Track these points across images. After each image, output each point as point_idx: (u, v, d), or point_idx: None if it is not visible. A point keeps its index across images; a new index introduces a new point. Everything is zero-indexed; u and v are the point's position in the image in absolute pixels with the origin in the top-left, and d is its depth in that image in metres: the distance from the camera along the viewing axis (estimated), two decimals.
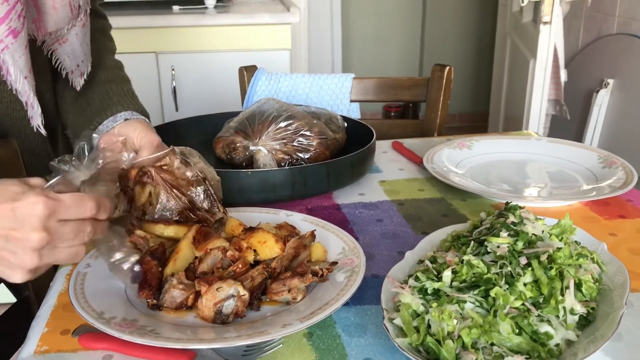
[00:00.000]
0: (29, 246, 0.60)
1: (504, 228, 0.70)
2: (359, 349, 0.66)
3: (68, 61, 0.90)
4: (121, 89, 0.99)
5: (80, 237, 0.64)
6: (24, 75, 0.77)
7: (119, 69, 1.06)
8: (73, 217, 0.63)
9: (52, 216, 0.60)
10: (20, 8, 0.74)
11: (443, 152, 1.22)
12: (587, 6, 2.85)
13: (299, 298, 0.72)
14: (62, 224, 0.62)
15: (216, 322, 0.68)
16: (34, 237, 0.59)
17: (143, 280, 0.72)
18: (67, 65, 0.90)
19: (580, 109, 2.83)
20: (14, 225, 0.59)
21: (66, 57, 0.90)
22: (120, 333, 0.64)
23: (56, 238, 0.61)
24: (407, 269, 0.75)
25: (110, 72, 1.03)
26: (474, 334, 0.59)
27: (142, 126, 0.90)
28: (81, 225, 0.64)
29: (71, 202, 0.62)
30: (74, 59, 0.91)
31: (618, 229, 0.94)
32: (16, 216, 0.59)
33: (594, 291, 0.68)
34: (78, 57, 0.91)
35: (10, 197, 0.59)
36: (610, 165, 1.13)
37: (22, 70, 0.77)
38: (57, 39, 0.87)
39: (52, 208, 0.60)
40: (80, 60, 0.92)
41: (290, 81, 1.68)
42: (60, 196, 0.62)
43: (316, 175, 1.05)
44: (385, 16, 4.27)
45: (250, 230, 0.82)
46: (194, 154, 0.86)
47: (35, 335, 0.70)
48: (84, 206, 0.63)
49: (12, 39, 0.74)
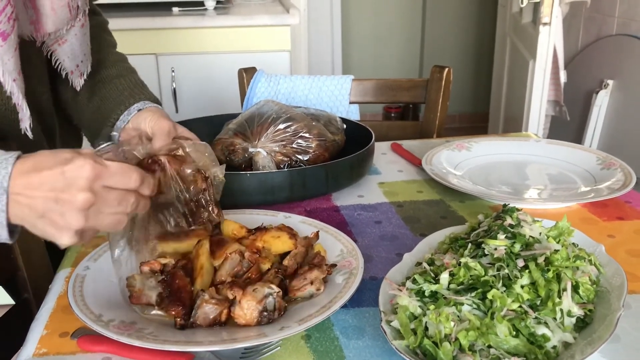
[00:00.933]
0: (75, 206, 0.62)
1: (502, 230, 0.71)
2: (356, 352, 0.67)
3: (68, 62, 0.91)
4: (130, 81, 1.01)
5: (123, 206, 0.66)
6: (13, 78, 0.77)
7: (124, 62, 1.07)
8: (118, 184, 0.65)
9: (98, 179, 0.63)
10: (10, 11, 0.74)
11: (442, 153, 1.22)
12: (586, 7, 2.85)
13: (322, 288, 0.73)
14: (107, 189, 0.65)
15: (262, 322, 0.67)
16: (80, 197, 0.62)
17: (175, 297, 0.70)
18: (66, 65, 0.91)
19: (579, 110, 2.83)
20: (62, 187, 0.62)
21: (66, 57, 0.90)
22: (118, 335, 0.64)
23: (101, 202, 0.64)
24: (405, 271, 0.75)
25: (117, 67, 1.04)
26: (471, 337, 0.59)
27: (152, 114, 0.91)
28: (125, 194, 0.66)
29: (117, 170, 0.65)
30: (74, 59, 0.91)
31: (616, 230, 0.94)
32: (65, 178, 0.62)
33: (591, 293, 0.68)
34: (77, 58, 0.92)
35: (61, 162, 0.63)
36: (608, 167, 1.13)
37: (11, 73, 0.77)
38: (56, 39, 0.87)
39: (98, 171, 0.63)
40: (79, 61, 0.92)
41: (290, 83, 1.68)
42: (107, 162, 0.65)
43: (315, 177, 1.05)
44: (385, 18, 4.27)
45: (260, 230, 0.82)
46: (205, 150, 0.84)
47: (34, 337, 0.70)
48: (128, 176, 0.66)
49: (1, 41, 0.74)
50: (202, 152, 0.83)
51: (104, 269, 0.78)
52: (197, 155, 0.81)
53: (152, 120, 0.90)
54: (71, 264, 0.87)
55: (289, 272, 0.76)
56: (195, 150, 0.82)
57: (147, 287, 0.72)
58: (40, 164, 0.64)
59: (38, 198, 0.63)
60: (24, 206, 0.64)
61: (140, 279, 0.73)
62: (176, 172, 0.78)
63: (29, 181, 0.63)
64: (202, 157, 0.82)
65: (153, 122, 0.90)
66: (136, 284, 0.73)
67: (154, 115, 0.91)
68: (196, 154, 0.81)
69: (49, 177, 0.63)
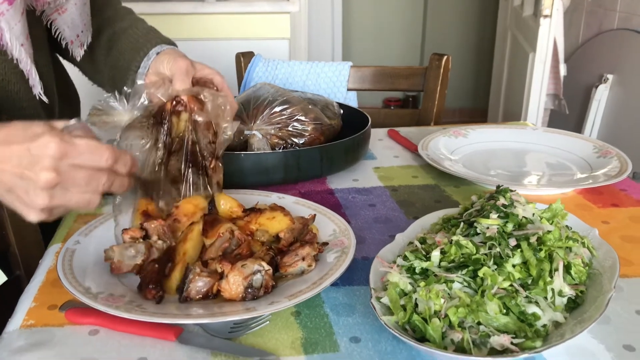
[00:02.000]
0: (38, 185, 0.61)
1: (494, 210, 0.70)
2: (346, 328, 0.66)
3: (68, 31, 0.90)
4: (143, 29, 1.00)
5: (93, 186, 0.64)
6: (21, 43, 0.77)
7: (132, 14, 1.08)
8: (86, 163, 0.63)
9: (64, 158, 0.61)
10: None
11: (438, 140, 1.22)
12: (588, 1, 2.84)
13: (314, 265, 0.73)
14: (75, 168, 0.62)
15: (246, 298, 0.67)
16: (43, 176, 0.60)
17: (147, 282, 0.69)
18: (66, 35, 0.91)
19: (579, 104, 2.83)
20: (27, 163, 0.61)
21: (66, 27, 0.90)
22: (106, 307, 0.63)
23: (67, 181, 0.62)
24: (396, 250, 0.75)
25: (127, 19, 1.04)
26: (461, 313, 0.59)
27: (169, 56, 0.91)
28: (95, 173, 0.64)
29: (85, 148, 0.63)
30: (74, 28, 0.91)
31: (611, 217, 0.94)
32: (31, 155, 0.60)
33: (583, 275, 0.68)
34: (77, 27, 0.91)
35: (29, 137, 0.61)
36: (605, 155, 1.13)
37: (19, 38, 0.76)
38: (56, 8, 0.87)
39: (64, 150, 0.61)
40: (79, 31, 0.92)
41: (288, 68, 1.67)
42: (76, 140, 0.62)
43: (310, 159, 1.04)
44: (387, 8, 4.26)
45: (254, 211, 0.82)
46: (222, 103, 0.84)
47: (22, 309, 0.70)
48: (98, 154, 0.64)
49: (8, 5, 0.74)
50: (219, 103, 0.82)
51: (94, 243, 0.78)
52: (212, 105, 0.81)
53: (170, 62, 0.90)
54: (62, 239, 0.86)
55: (284, 246, 0.76)
56: (212, 100, 0.81)
57: (126, 258, 0.73)
58: (10, 137, 0.62)
59: (6, 172, 0.62)
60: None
61: (118, 251, 0.73)
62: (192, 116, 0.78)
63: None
64: (217, 109, 0.81)
65: (171, 63, 0.90)
66: (114, 256, 0.73)
67: (171, 56, 0.91)
68: (213, 103, 0.81)
69: (17, 152, 0.61)
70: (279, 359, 0.61)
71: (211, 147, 0.82)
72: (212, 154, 0.83)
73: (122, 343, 0.64)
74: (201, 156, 0.82)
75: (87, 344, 0.64)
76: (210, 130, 0.81)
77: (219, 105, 0.81)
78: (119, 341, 0.64)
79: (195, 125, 0.82)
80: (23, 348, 0.63)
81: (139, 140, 0.80)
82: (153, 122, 0.82)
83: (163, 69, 0.91)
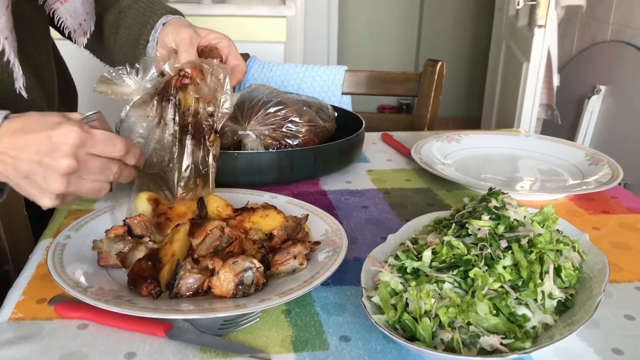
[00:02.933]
0: (58, 171, 0.64)
1: (486, 211, 0.70)
2: (336, 327, 0.66)
3: (70, 20, 0.90)
4: (147, 1, 1.00)
5: (106, 174, 0.68)
6: (5, 36, 0.77)
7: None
8: (102, 153, 0.67)
9: (83, 147, 0.65)
10: None
11: (432, 144, 1.22)
12: (582, 13, 2.86)
13: (305, 263, 0.73)
14: (91, 157, 0.66)
15: (237, 295, 0.67)
16: (64, 163, 0.63)
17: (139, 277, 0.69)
18: (69, 24, 0.91)
19: (571, 115, 2.85)
20: (47, 151, 0.63)
21: (68, 16, 0.90)
22: (96, 301, 0.63)
23: (83, 169, 0.65)
24: (388, 251, 0.75)
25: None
26: (451, 313, 0.59)
27: (172, 27, 0.91)
28: (108, 163, 0.68)
29: (102, 138, 0.66)
30: (76, 17, 0.91)
31: (601, 223, 0.94)
32: (51, 142, 0.63)
33: (573, 278, 0.68)
34: (80, 16, 0.92)
35: (48, 126, 0.64)
36: (596, 163, 1.13)
37: (3, 31, 0.76)
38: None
39: (84, 139, 0.64)
40: (82, 19, 0.92)
41: (283, 71, 1.67)
42: (94, 131, 0.66)
43: (303, 159, 1.04)
44: (383, 14, 4.27)
45: (247, 210, 0.82)
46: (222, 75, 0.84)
47: (11, 302, 0.69)
48: (113, 145, 0.67)
49: None
50: (218, 76, 0.83)
51: (85, 238, 0.78)
52: (212, 79, 0.81)
53: (173, 33, 0.90)
54: (53, 235, 0.86)
55: (277, 243, 0.76)
56: (212, 73, 0.82)
57: (114, 249, 0.73)
58: (28, 126, 0.64)
59: (23, 160, 0.64)
60: (9, 165, 0.64)
61: (107, 242, 0.74)
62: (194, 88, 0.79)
63: (15, 142, 0.64)
64: (216, 82, 0.82)
65: (174, 34, 0.90)
66: (103, 247, 0.74)
67: (174, 27, 0.91)
68: (212, 77, 0.81)
69: (36, 140, 0.64)
70: (269, 356, 0.61)
71: (210, 120, 0.82)
72: (211, 128, 0.83)
73: (111, 337, 0.63)
74: (202, 129, 0.82)
75: (75, 338, 0.63)
76: (210, 103, 0.81)
77: (218, 79, 0.81)
78: (108, 335, 0.64)
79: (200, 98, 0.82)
80: (11, 341, 0.62)
81: (144, 118, 0.81)
82: (159, 99, 0.82)
83: (168, 41, 0.91)
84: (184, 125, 0.83)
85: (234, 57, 0.92)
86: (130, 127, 0.82)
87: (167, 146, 0.83)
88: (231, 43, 0.92)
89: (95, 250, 0.74)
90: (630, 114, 2.53)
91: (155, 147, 0.83)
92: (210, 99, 0.81)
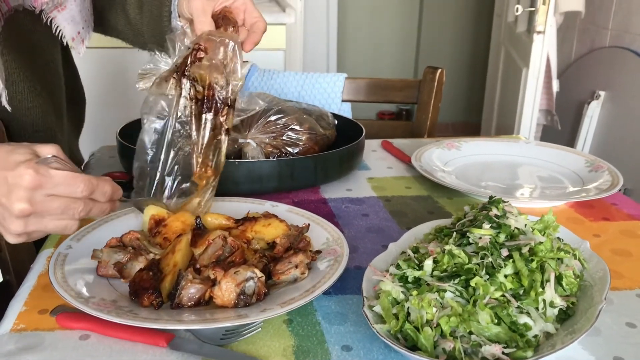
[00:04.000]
0: (13, 213, 0.64)
1: (487, 220, 0.71)
2: (338, 336, 0.66)
3: (68, 28, 0.91)
4: None
5: (69, 214, 0.67)
6: None
7: None
8: (62, 194, 0.66)
9: (38, 189, 0.64)
10: None
11: (432, 151, 1.23)
12: (581, 19, 2.87)
13: (307, 273, 0.73)
14: (50, 198, 0.65)
15: (239, 304, 0.67)
16: (16, 206, 0.63)
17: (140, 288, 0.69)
18: (67, 32, 0.91)
19: (571, 120, 2.85)
20: (4, 192, 0.63)
21: (66, 24, 0.90)
22: (98, 312, 0.63)
23: (41, 210, 0.65)
24: (389, 260, 0.75)
25: None
26: (453, 323, 0.59)
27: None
28: (71, 202, 0.66)
29: (61, 180, 0.65)
30: (74, 25, 0.91)
31: (602, 230, 0.94)
32: (8, 184, 0.63)
33: (574, 286, 0.68)
34: (78, 24, 0.92)
35: (7, 166, 0.63)
36: (596, 170, 1.14)
37: None
38: (55, 6, 0.88)
39: (38, 182, 0.63)
40: (80, 27, 0.93)
41: (283, 79, 1.68)
42: (52, 172, 0.64)
43: (303, 168, 1.05)
44: (382, 21, 4.29)
45: (248, 220, 0.82)
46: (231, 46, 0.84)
47: (13, 313, 0.69)
48: (74, 186, 0.66)
49: None
50: (228, 47, 0.82)
51: (86, 249, 0.78)
52: (222, 50, 0.81)
53: (187, 3, 0.88)
54: (54, 245, 0.86)
55: (280, 252, 0.76)
56: (222, 44, 0.82)
57: (113, 260, 0.73)
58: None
59: None
60: None
61: (107, 252, 0.74)
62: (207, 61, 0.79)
63: None
64: (226, 54, 0.82)
65: (188, 4, 0.88)
66: (102, 256, 0.74)
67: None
68: (223, 48, 0.81)
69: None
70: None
71: (223, 92, 0.82)
72: (225, 101, 0.83)
73: (113, 348, 0.63)
74: (215, 102, 0.82)
75: (77, 349, 0.63)
76: (221, 76, 0.82)
77: (227, 51, 0.82)
78: (109, 346, 0.64)
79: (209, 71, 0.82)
80: (13, 352, 0.62)
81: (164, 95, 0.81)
82: (177, 76, 0.82)
83: (183, 11, 0.90)
84: (200, 100, 0.83)
85: (250, 15, 0.89)
86: (153, 105, 0.82)
87: (185, 122, 0.83)
88: (246, 0, 0.89)
89: (94, 259, 0.74)
90: (629, 120, 2.53)
91: (175, 124, 0.83)
92: (222, 71, 0.81)
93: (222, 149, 0.87)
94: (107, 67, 2.32)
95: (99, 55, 2.11)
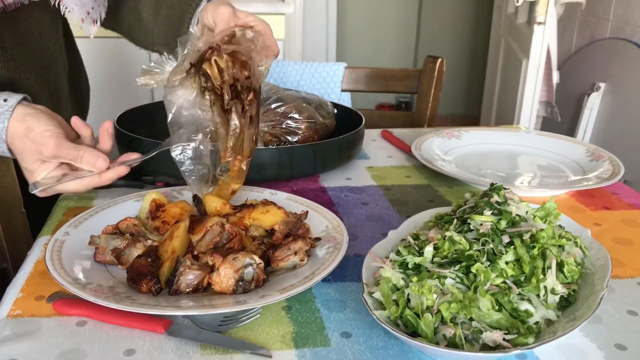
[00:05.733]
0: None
1: (488, 207, 0.70)
2: (337, 323, 0.66)
3: (77, 9, 0.90)
4: None
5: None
6: None
7: None
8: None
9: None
10: None
11: (432, 141, 1.22)
12: (581, 10, 2.86)
13: (306, 260, 0.72)
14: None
15: (237, 291, 0.66)
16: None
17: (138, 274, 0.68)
18: (75, 13, 0.90)
19: (571, 112, 2.84)
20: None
21: (74, 5, 0.89)
22: (95, 298, 0.62)
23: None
24: (389, 247, 0.74)
25: None
26: (453, 309, 0.59)
27: (212, 6, 0.90)
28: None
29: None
30: (82, 6, 0.90)
31: (602, 219, 0.94)
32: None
33: (576, 274, 0.68)
34: (87, 4, 0.91)
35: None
36: (597, 159, 1.13)
37: None
38: None
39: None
40: (90, 7, 0.92)
41: (282, 68, 1.67)
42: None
43: (302, 156, 1.04)
44: (382, 11, 4.27)
45: (246, 207, 0.81)
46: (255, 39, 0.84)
47: (9, 299, 0.69)
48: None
49: None
50: (250, 37, 0.83)
51: (84, 235, 0.77)
52: (244, 40, 0.81)
53: (212, 11, 0.89)
54: (51, 232, 0.85)
55: (279, 238, 0.75)
56: (244, 37, 0.82)
57: (110, 246, 0.73)
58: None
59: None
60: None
61: (104, 238, 0.74)
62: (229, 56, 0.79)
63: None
64: (248, 43, 0.82)
65: (212, 12, 0.89)
66: (100, 242, 0.73)
67: (214, 5, 0.90)
68: (246, 41, 0.81)
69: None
70: (269, 352, 0.60)
71: (248, 82, 0.82)
72: (249, 88, 0.83)
73: (110, 334, 0.63)
74: (240, 90, 0.82)
75: (74, 335, 0.63)
76: (246, 66, 0.81)
77: (250, 40, 0.82)
78: (107, 332, 0.63)
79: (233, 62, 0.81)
80: (9, 338, 0.62)
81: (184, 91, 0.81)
82: (195, 72, 0.82)
83: (207, 18, 0.90)
84: (224, 91, 0.82)
85: (268, 40, 0.90)
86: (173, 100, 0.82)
87: (209, 115, 0.83)
88: (267, 26, 0.90)
89: (92, 245, 0.74)
90: (629, 111, 2.52)
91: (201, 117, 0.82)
92: (246, 60, 0.81)
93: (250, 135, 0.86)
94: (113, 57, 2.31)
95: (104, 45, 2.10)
